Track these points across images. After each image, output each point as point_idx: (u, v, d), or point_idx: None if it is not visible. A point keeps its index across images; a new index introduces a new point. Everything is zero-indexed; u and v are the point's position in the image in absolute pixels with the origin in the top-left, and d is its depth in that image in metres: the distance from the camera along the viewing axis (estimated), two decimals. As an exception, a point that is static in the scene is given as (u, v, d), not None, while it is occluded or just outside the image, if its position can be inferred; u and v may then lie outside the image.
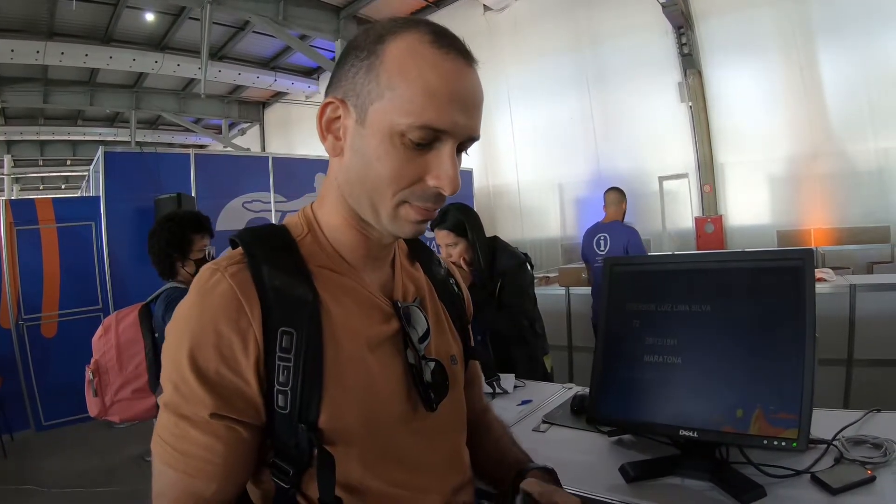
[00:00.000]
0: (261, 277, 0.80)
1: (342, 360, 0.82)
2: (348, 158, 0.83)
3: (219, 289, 0.79)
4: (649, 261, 1.57)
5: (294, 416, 0.78)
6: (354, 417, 0.82)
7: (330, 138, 0.84)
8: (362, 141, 0.80)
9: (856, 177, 7.53)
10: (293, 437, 0.79)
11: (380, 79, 0.77)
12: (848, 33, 7.44)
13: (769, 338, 1.23)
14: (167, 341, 0.81)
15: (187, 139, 21.13)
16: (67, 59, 11.84)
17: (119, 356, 2.67)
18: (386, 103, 0.77)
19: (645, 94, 9.59)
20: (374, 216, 0.84)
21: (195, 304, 0.80)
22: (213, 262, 0.84)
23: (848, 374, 3.85)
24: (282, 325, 0.79)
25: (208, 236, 2.83)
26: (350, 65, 0.82)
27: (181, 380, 0.77)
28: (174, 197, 6.20)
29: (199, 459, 0.77)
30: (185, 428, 0.77)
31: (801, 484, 1.19)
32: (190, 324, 0.78)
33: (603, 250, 4.89)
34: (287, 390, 0.78)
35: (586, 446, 1.54)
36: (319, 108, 0.84)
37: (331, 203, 0.90)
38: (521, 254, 2.93)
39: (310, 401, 0.79)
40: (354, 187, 0.83)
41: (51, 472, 4.71)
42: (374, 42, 0.79)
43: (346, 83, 0.81)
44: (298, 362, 0.79)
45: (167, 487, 0.78)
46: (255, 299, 0.79)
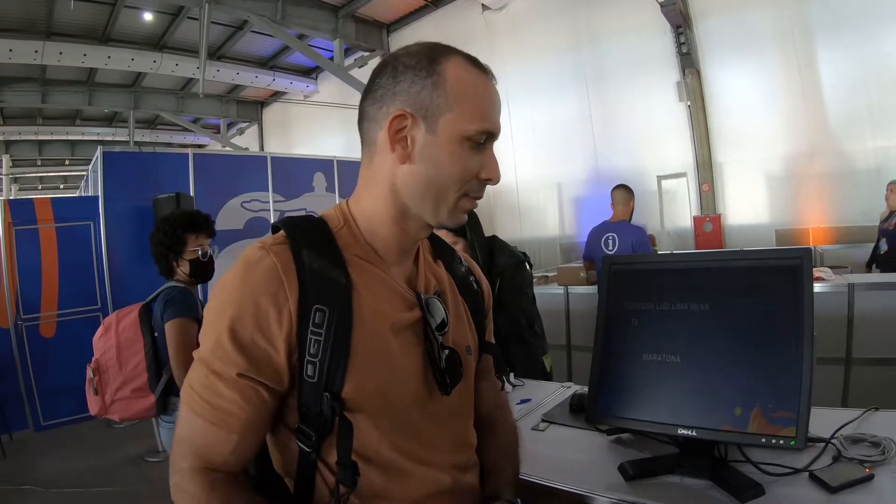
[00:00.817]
0: (301, 259, 0.91)
1: (368, 339, 0.93)
2: (417, 164, 0.94)
3: (263, 264, 0.90)
4: (648, 260, 1.58)
5: (321, 385, 0.89)
6: (374, 391, 0.93)
7: (398, 148, 0.94)
8: (434, 149, 0.93)
9: (854, 176, 7.53)
10: (318, 404, 0.89)
11: (448, 95, 0.92)
12: (846, 33, 7.44)
13: (767, 336, 1.23)
14: (210, 304, 0.92)
15: (186, 139, 21.11)
16: (66, 59, 11.83)
17: (119, 355, 2.68)
18: (456, 115, 0.92)
19: (643, 94, 9.59)
20: (434, 212, 0.97)
21: (240, 275, 0.90)
22: (259, 241, 0.95)
23: (846, 372, 3.86)
24: (316, 303, 0.89)
25: (205, 236, 2.81)
26: (408, 81, 0.93)
27: (218, 341, 0.88)
28: (173, 196, 6.20)
29: (223, 412, 0.87)
30: (215, 382, 0.87)
31: (800, 482, 1.20)
32: (234, 293, 0.89)
33: (611, 250, 4.84)
34: (316, 361, 0.89)
35: (585, 445, 1.55)
36: (388, 120, 0.93)
37: (375, 201, 0.99)
38: (519, 253, 2.92)
39: (335, 372, 0.89)
40: (420, 188, 0.95)
41: (49, 472, 4.72)
42: (429, 63, 0.93)
43: (410, 98, 0.93)
44: (329, 337, 0.89)
45: (191, 433, 0.90)
46: (294, 278, 0.90)
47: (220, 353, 0.87)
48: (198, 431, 0.89)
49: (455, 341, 1.06)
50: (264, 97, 18.86)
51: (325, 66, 12.82)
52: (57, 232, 6.42)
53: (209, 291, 1.00)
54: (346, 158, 9.45)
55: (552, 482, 1.32)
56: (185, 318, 2.57)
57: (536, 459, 1.46)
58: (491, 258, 2.78)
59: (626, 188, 5.09)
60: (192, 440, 0.89)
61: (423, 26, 12.62)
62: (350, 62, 13.42)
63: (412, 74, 0.93)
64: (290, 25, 11.42)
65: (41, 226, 6.36)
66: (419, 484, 0.98)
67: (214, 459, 0.89)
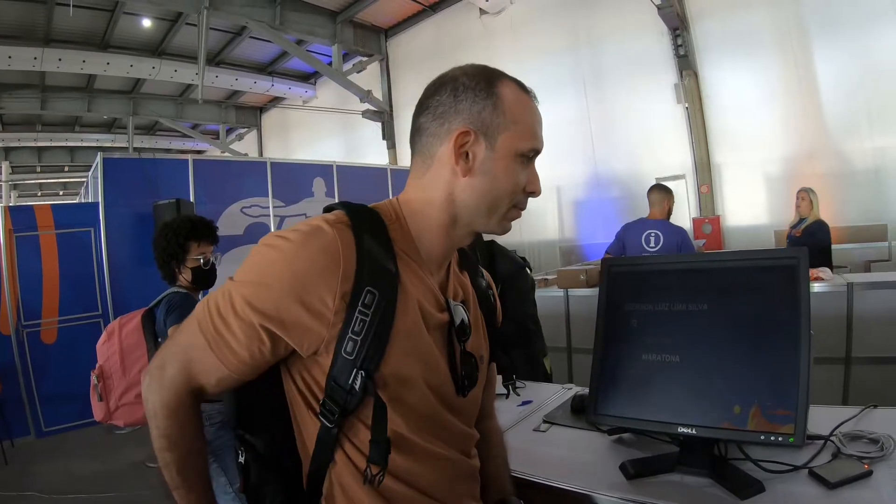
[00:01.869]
0: (361, 241, 0.95)
1: (407, 328, 0.98)
2: (478, 178, 1.02)
3: (326, 237, 0.93)
4: (646, 262, 1.59)
5: (356, 362, 0.93)
6: (406, 378, 0.99)
7: (462, 162, 1.01)
8: (492, 163, 1.01)
9: (852, 176, 7.56)
10: (348, 380, 0.93)
11: (506, 115, 1.01)
12: (843, 33, 7.47)
13: (765, 335, 1.24)
14: (263, 246, 0.95)
15: (185, 145, 21.14)
16: (65, 66, 11.88)
17: (122, 361, 2.68)
18: (512, 133, 1.01)
19: (641, 96, 9.63)
20: (486, 221, 1.06)
21: (302, 240, 0.93)
22: (322, 216, 0.99)
23: (846, 372, 3.86)
24: (369, 285, 0.94)
25: (207, 243, 2.81)
26: (469, 100, 1.01)
27: (261, 284, 0.92)
28: (173, 202, 6.20)
29: (226, 346, 0.93)
30: (232, 318, 0.92)
31: (799, 479, 1.21)
32: (290, 254, 0.92)
33: (654, 247, 4.74)
34: (358, 339, 0.93)
35: (586, 445, 1.56)
36: (453, 136, 1.00)
37: (428, 208, 1.05)
38: (519, 258, 2.92)
39: (374, 353, 0.94)
40: (477, 199, 1.03)
41: (51, 478, 4.71)
42: (487, 85, 1.02)
43: (472, 117, 1.01)
44: (375, 318, 0.94)
45: (189, 345, 0.97)
46: (353, 257, 0.93)
47: (252, 297, 0.91)
48: (196, 348, 0.95)
49: (473, 348, 1.13)
50: (263, 103, 18.91)
51: (323, 71, 12.86)
52: (57, 238, 6.43)
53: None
54: (345, 163, 9.48)
55: (555, 482, 1.33)
56: None
57: (539, 460, 1.48)
58: (491, 264, 2.77)
59: (662, 188, 4.99)
60: (187, 353, 0.97)
61: (422, 31, 12.68)
62: (348, 67, 13.47)
63: (473, 94, 1.01)
64: (289, 31, 11.47)
65: (41, 232, 6.37)
66: (440, 467, 1.05)
67: (199, 378, 0.97)
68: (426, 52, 12.59)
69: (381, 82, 14.05)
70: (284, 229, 0.97)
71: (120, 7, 10.86)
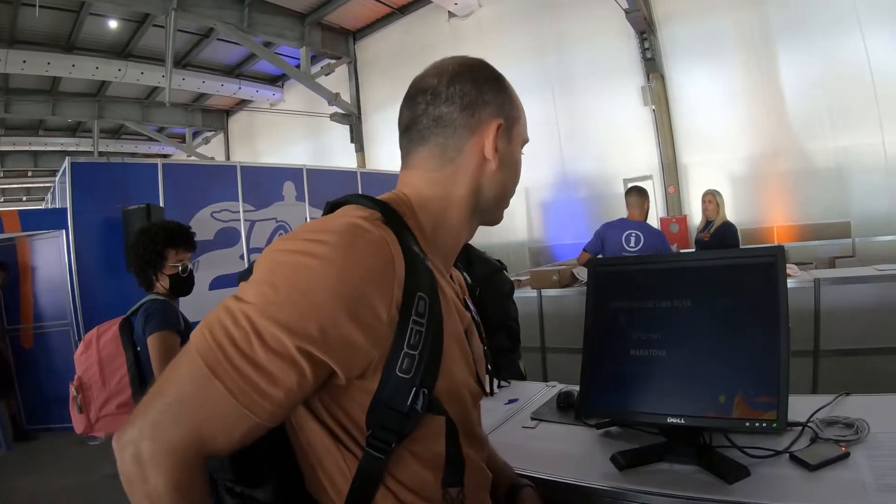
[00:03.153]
0: (404, 239, 0.84)
1: (451, 333, 0.90)
2: (504, 167, 1.01)
3: (373, 237, 0.80)
4: (631, 262, 1.66)
5: (415, 380, 0.81)
6: (457, 388, 0.92)
7: (496, 154, 0.99)
8: (512, 155, 1.03)
9: (816, 174, 7.76)
10: (406, 402, 0.81)
11: (515, 107, 1.04)
12: (806, 36, 7.68)
13: (746, 328, 1.31)
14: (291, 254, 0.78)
15: (150, 148, 20.84)
16: (29, 68, 11.64)
17: (101, 371, 2.61)
18: (521, 124, 1.05)
19: (609, 98, 9.77)
20: (498, 213, 1.06)
21: (344, 245, 0.78)
22: (348, 214, 0.84)
23: (815, 364, 3.98)
24: (419, 290, 0.82)
25: (185, 250, 2.79)
26: (492, 92, 1.00)
27: (299, 301, 0.75)
28: (143, 208, 6.14)
29: (256, 389, 0.73)
30: (257, 348, 0.73)
31: (782, 463, 1.27)
32: (336, 257, 0.76)
33: (634, 247, 4.79)
34: (416, 354, 0.81)
35: (576, 440, 1.60)
36: (491, 128, 0.98)
37: (449, 203, 0.98)
38: (495, 261, 2.91)
39: (432, 367, 0.83)
40: (500, 192, 1.03)
41: (27, 492, 4.62)
42: (497, 78, 1.03)
43: (497, 108, 1.00)
44: (430, 328, 0.82)
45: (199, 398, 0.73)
46: (401, 259, 0.81)
47: (288, 318, 0.73)
48: (212, 401, 0.72)
49: None
50: (230, 105, 18.72)
51: (291, 73, 12.80)
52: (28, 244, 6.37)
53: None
54: (315, 167, 9.44)
55: (548, 475, 1.37)
56: (167, 330, 2.57)
57: (531, 455, 1.52)
58: (468, 267, 2.72)
59: (640, 190, 5.07)
60: (197, 408, 0.73)
61: (390, 34, 12.69)
62: (316, 70, 13.43)
63: (491, 85, 1.01)
64: (257, 33, 11.40)
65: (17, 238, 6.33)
66: (481, 478, 1.02)
67: (216, 439, 0.74)
68: (394, 55, 12.57)
69: (349, 85, 14.04)
70: (305, 231, 0.81)
71: (86, 8, 10.69)
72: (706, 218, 5.98)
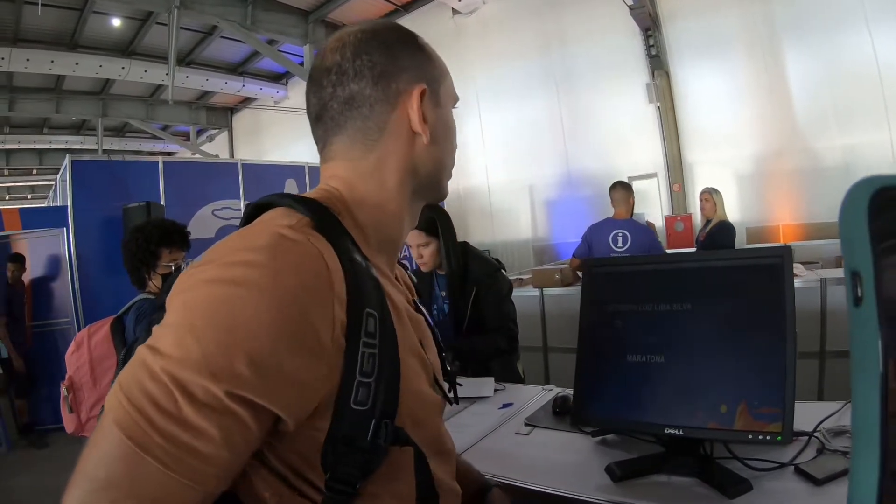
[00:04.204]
0: (341, 247, 0.70)
1: (408, 347, 0.78)
2: (435, 140, 0.87)
3: (302, 250, 0.67)
4: (629, 262, 1.59)
5: (374, 411, 0.68)
6: (422, 409, 0.79)
7: (424, 125, 0.85)
8: (442, 120, 0.89)
9: (822, 172, 7.68)
10: (366, 437, 0.68)
11: (437, 66, 0.89)
12: (812, 33, 7.59)
13: (750, 334, 1.24)
14: (211, 284, 0.64)
15: (155, 146, 20.84)
16: (33, 66, 11.63)
17: (92, 371, 2.58)
18: (447, 84, 0.91)
19: (613, 96, 9.69)
20: (441, 189, 0.93)
21: (273, 259, 0.64)
22: (275, 224, 0.70)
23: (821, 366, 3.92)
24: (366, 307, 0.69)
25: (179, 249, 2.75)
26: (411, 56, 0.86)
27: (229, 343, 0.60)
28: (143, 205, 6.12)
29: (194, 454, 0.59)
30: (183, 405, 0.58)
31: (786, 476, 1.21)
32: (266, 282, 0.62)
33: (622, 247, 4.68)
34: (370, 382, 0.68)
35: (571, 448, 1.54)
36: (415, 96, 0.84)
37: (383, 192, 0.85)
38: (493, 260, 2.81)
39: (391, 393, 0.71)
40: (437, 164, 0.89)
41: (23, 492, 4.61)
42: (411, 38, 0.88)
43: (418, 72, 0.86)
44: (384, 348, 0.70)
45: (130, 478, 0.58)
46: (340, 272, 0.68)
47: (218, 365, 0.59)
48: (145, 479, 0.58)
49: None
50: (234, 103, 18.69)
51: (295, 71, 12.74)
52: (28, 243, 6.35)
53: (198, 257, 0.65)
54: (316, 164, 9.38)
55: (539, 486, 1.32)
56: None
57: (522, 463, 1.46)
58: (465, 267, 2.66)
59: (624, 185, 4.94)
60: (134, 490, 0.58)
61: (394, 31, 12.63)
62: (321, 67, 13.36)
63: (405, 48, 0.86)
64: (260, 31, 11.34)
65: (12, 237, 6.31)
66: (453, 500, 0.89)
67: None
68: (399, 52, 12.43)
69: (353, 82, 13.92)
70: (223, 252, 0.68)
71: (89, 6, 10.64)
72: (704, 217, 5.90)
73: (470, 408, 2.03)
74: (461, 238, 2.76)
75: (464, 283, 2.65)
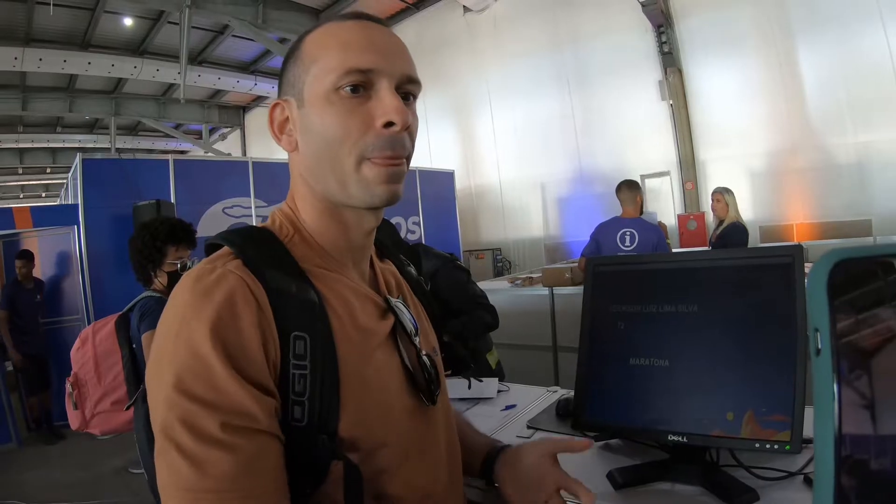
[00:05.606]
0: (264, 278, 0.74)
1: (355, 361, 0.79)
2: (303, 144, 0.84)
3: (228, 282, 0.71)
4: (634, 261, 1.54)
5: (313, 427, 0.72)
6: (375, 419, 0.80)
7: (284, 137, 0.87)
8: (308, 119, 0.82)
9: (836, 171, 7.60)
10: (310, 451, 0.72)
11: (304, 62, 0.82)
12: (826, 29, 7.51)
13: (758, 338, 1.19)
14: (152, 364, 0.70)
15: (167, 145, 20.98)
16: (45, 66, 11.75)
17: (97, 368, 2.61)
18: (314, 75, 0.81)
19: (625, 93, 9.65)
20: (343, 189, 0.83)
21: (199, 301, 0.69)
22: (201, 263, 0.76)
23: (836, 368, 3.85)
24: (295, 330, 0.73)
25: (185, 247, 2.75)
26: (284, 73, 0.87)
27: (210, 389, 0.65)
28: (153, 203, 6.14)
29: (257, 483, 0.65)
30: (235, 441, 0.64)
31: (795, 486, 1.16)
32: (197, 319, 0.68)
33: (629, 246, 4.64)
34: (304, 400, 0.72)
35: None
36: (268, 115, 0.87)
37: (302, 199, 0.89)
38: (446, 255, 2.92)
39: (329, 409, 0.74)
40: (317, 168, 0.84)
41: (34, 486, 4.65)
42: (296, 45, 0.86)
43: (285, 86, 0.86)
44: (315, 368, 0.73)
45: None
46: (265, 300, 0.72)
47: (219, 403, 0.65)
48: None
49: (424, 345, 0.96)
50: (246, 102, 18.79)
51: (307, 69, 12.79)
52: (38, 241, 6.39)
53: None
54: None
55: (540, 492, 1.28)
56: None
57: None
58: (418, 266, 2.68)
59: (630, 184, 4.88)
60: None
61: (405, 28, 12.60)
62: (332, 65, 13.40)
63: (287, 65, 0.87)
64: (271, 29, 11.38)
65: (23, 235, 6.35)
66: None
67: None
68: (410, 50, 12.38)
69: (365, 80, 13.97)
70: (166, 316, 0.73)
71: (101, 5, 10.71)
72: (717, 217, 5.83)
73: (472, 409, 1.99)
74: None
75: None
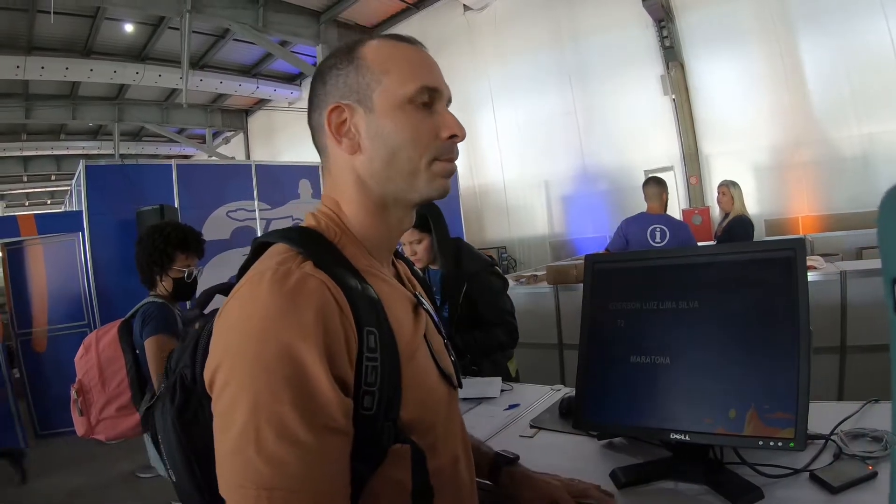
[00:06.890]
0: (337, 276, 0.79)
1: (408, 355, 0.85)
2: (370, 148, 0.89)
3: (310, 283, 0.75)
4: (633, 258, 1.52)
5: (380, 415, 0.78)
6: (427, 404, 0.87)
7: (345, 141, 0.90)
8: (378, 124, 0.88)
9: (841, 163, 7.56)
10: (371, 437, 0.78)
11: (371, 71, 0.89)
12: (827, 21, 7.47)
13: (760, 333, 1.17)
14: (225, 361, 0.74)
15: (171, 150, 21.02)
16: (48, 74, 11.78)
17: (101, 374, 2.62)
18: (387, 85, 0.88)
19: (627, 88, 9.62)
20: (410, 186, 0.90)
21: (286, 299, 0.73)
22: (269, 262, 0.79)
23: (842, 361, 3.82)
24: (367, 325, 0.78)
25: (194, 256, 2.76)
26: (333, 77, 0.91)
27: (298, 393, 0.69)
28: (157, 209, 6.14)
29: (327, 480, 0.71)
30: (319, 445, 0.70)
31: (800, 483, 1.14)
32: (286, 321, 0.72)
33: (660, 242, 4.64)
34: (374, 390, 0.78)
35: (575, 451, 1.49)
36: (325, 118, 0.91)
37: (349, 201, 0.93)
38: (486, 257, 2.85)
39: (392, 398, 0.80)
40: (384, 170, 0.89)
41: (42, 491, 4.65)
42: (346, 54, 0.92)
43: (338, 91, 0.90)
44: (385, 361, 0.79)
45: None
46: (344, 299, 0.77)
47: (309, 405, 0.70)
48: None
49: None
50: (249, 105, 18.80)
51: (308, 72, 12.79)
52: (43, 247, 6.40)
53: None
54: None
55: (542, 492, 1.26)
56: (164, 334, 2.53)
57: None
58: (457, 262, 2.68)
59: (657, 181, 4.88)
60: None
61: (406, 28, 12.60)
62: (334, 67, 13.40)
63: (336, 71, 0.92)
64: (272, 32, 11.39)
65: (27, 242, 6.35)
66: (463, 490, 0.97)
67: None
68: (411, 50, 12.45)
69: (366, 81, 13.97)
70: (240, 305, 0.76)
71: (102, 13, 10.73)
72: (722, 210, 5.79)
73: (476, 409, 1.98)
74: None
75: (456, 279, 2.67)
